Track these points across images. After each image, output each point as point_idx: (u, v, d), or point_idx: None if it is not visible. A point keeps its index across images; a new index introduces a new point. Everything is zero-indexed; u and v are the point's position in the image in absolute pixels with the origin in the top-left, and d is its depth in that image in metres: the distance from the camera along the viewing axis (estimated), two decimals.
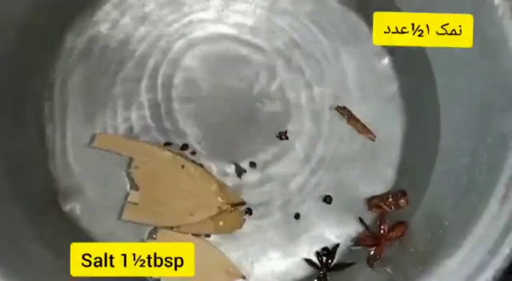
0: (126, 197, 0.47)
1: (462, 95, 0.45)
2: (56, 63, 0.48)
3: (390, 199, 0.47)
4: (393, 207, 0.47)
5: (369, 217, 0.48)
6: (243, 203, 0.47)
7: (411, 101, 0.50)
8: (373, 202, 0.48)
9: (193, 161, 0.47)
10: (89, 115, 0.48)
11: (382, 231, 0.46)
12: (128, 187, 0.47)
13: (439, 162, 0.47)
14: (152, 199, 0.46)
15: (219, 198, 0.46)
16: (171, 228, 0.46)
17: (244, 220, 0.47)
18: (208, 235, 0.47)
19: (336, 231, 0.48)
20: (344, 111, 0.49)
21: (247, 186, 0.48)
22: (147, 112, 0.48)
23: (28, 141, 0.47)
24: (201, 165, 0.47)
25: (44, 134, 0.47)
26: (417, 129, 0.49)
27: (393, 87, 0.50)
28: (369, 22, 0.51)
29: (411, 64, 0.50)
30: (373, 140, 0.49)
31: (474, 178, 0.41)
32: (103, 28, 0.49)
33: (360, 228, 0.48)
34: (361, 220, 0.48)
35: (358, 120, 0.49)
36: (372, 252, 0.46)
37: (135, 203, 0.46)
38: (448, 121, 0.47)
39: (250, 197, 0.48)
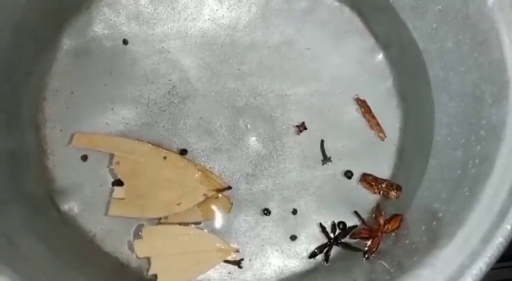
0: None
1: (455, 88, 0.45)
2: (52, 65, 0.48)
3: (383, 185, 0.48)
4: (381, 192, 0.48)
5: (365, 211, 0.48)
6: (228, 188, 0.47)
7: (406, 96, 0.50)
8: (367, 178, 0.48)
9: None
10: (86, 115, 0.48)
11: (378, 224, 0.46)
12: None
13: (434, 156, 0.47)
14: (137, 192, 0.46)
15: (204, 185, 0.46)
16: (159, 219, 0.46)
17: (232, 204, 0.47)
18: (197, 223, 0.47)
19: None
20: (362, 104, 0.49)
21: (245, 182, 0.48)
22: (144, 111, 0.48)
23: (25, 141, 0.47)
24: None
25: (40, 134, 0.48)
26: (413, 124, 0.50)
27: (388, 82, 0.50)
28: (363, 18, 0.51)
29: (405, 59, 0.50)
30: (382, 139, 0.49)
31: (467, 170, 0.41)
32: (98, 28, 0.49)
33: (357, 223, 0.48)
34: (357, 214, 0.48)
35: (374, 116, 0.49)
36: (368, 245, 0.46)
37: (121, 199, 0.46)
38: (442, 115, 0.47)
39: (247, 194, 0.48)
